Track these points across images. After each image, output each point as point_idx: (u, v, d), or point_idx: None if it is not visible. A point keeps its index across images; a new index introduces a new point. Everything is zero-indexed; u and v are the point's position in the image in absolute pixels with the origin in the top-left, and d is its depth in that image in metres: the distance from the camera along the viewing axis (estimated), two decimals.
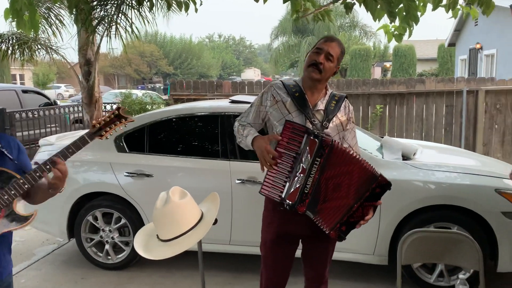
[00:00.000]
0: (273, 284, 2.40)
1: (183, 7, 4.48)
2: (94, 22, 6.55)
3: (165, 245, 1.88)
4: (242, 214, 3.63)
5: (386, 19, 3.89)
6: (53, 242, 4.76)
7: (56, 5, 7.27)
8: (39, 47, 7.83)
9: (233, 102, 4.02)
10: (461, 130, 7.15)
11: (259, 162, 2.18)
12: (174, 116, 3.99)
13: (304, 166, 2.06)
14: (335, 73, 2.33)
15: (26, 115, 8.39)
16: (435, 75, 22.06)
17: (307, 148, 2.06)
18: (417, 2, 3.93)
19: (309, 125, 2.20)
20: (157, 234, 1.95)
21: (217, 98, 6.86)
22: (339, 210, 2.08)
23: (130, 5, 6.46)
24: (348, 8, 4.03)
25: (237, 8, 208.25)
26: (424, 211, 3.38)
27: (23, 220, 1.81)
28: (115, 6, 6.40)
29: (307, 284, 2.47)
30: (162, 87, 30.05)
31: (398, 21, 3.91)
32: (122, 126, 1.92)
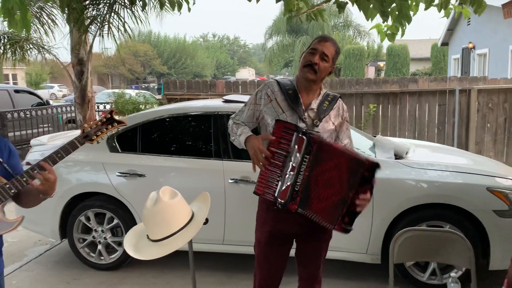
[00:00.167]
0: (267, 283, 2.40)
1: (176, 7, 4.47)
2: (87, 22, 6.51)
3: (155, 245, 1.87)
4: (235, 214, 3.63)
5: (379, 19, 3.90)
6: (45, 243, 4.73)
7: (48, 4, 7.22)
8: (31, 47, 7.78)
9: (226, 101, 4.01)
10: (453, 129, 7.19)
11: (252, 162, 2.18)
12: (167, 115, 3.97)
13: (294, 164, 2.08)
14: (331, 72, 2.33)
15: (18, 115, 8.34)
16: (429, 75, 22.18)
17: (296, 146, 2.08)
18: (409, 1, 3.95)
19: (301, 124, 2.20)
20: (147, 234, 1.94)
21: (210, 98, 6.86)
22: (337, 205, 2.07)
23: (123, 4, 6.44)
24: (340, 7, 4.03)
25: (231, 7, 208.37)
26: (416, 210, 3.39)
27: (9, 225, 1.78)
28: (108, 5, 6.37)
29: (301, 283, 2.47)
30: (156, 87, 29.98)
31: (390, 20, 3.92)
32: (114, 130, 1.89)
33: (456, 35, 18.67)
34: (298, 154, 2.07)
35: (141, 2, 4.68)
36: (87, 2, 6.41)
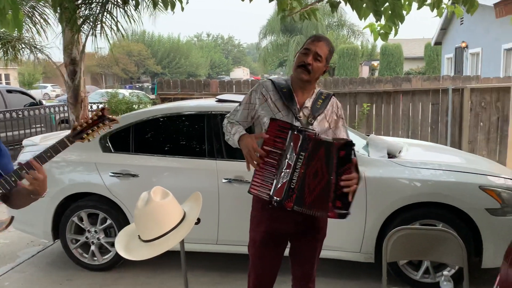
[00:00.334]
0: (261, 283, 2.40)
1: (169, 6, 4.45)
2: (79, 21, 6.46)
3: (146, 245, 1.86)
4: (229, 214, 3.62)
5: (372, 18, 3.91)
6: (37, 244, 4.69)
7: (40, 3, 7.17)
8: (23, 46, 7.72)
9: (219, 101, 4.00)
10: (447, 128, 7.22)
11: (245, 161, 2.18)
12: (160, 115, 3.96)
13: (289, 162, 2.08)
14: (325, 71, 2.33)
15: (10, 115, 8.28)
16: (422, 74, 22.27)
17: (292, 143, 2.08)
18: (402, 1, 3.96)
19: (296, 122, 2.21)
20: (138, 235, 1.93)
21: (204, 97, 6.84)
22: (323, 192, 2.09)
23: (115, 3, 6.39)
24: (333, 6, 4.04)
25: (224, 6, 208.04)
26: (409, 209, 3.40)
27: None
28: (100, 4, 6.33)
29: (295, 282, 2.47)
30: (150, 87, 29.87)
31: (383, 19, 3.93)
32: (106, 128, 1.86)
33: (449, 35, 18.75)
34: (293, 151, 2.08)
35: (134, 1, 4.65)
36: (80, 1, 6.36)
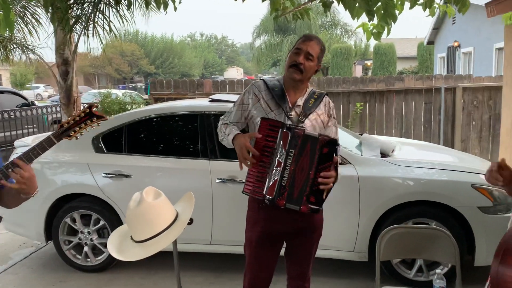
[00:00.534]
0: (257, 283, 2.40)
1: (162, 6, 4.43)
2: (71, 21, 6.42)
3: (139, 246, 1.85)
4: (223, 214, 3.62)
5: (364, 18, 3.92)
6: (30, 246, 4.66)
7: (32, 3, 7.11)
8: (15, 47, 7.66)
9: (213, 101, 3.99)
10: (439, 127, 7.26)
11: (238, 159, 2.18)
12: (153, 115, 3.94)
13: (280, 160, 2.10)
14: (317, 71, 2.35)
15: (2, 116, 8.22)
16: (415, 73, 22.35)
17: (281, 141, 2.10)
18: (394, 0, 3.97)
19: (287, 121, 2.22)
20: (131, 235, 1.92)
21: (198, 97, 6.83)
22: (302, 186, 2.11)
23: (108, 3, 6.36)
24: (326, 6, 4.05)
25: (218, 8, 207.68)
26: (402, 208, 3.41)
27: None
28: (92, 4, 6.29)
29: (290, 282, 2.47)
30: (143, 87, 29.75)
31: (376, 19, 3.94)
32: (94, 125, 1.83)
33: (441, 34, 18.86)
34: (283, 149, 2.09)
35: (126, 1, 4.63)
36: (72, 1, 6.31)
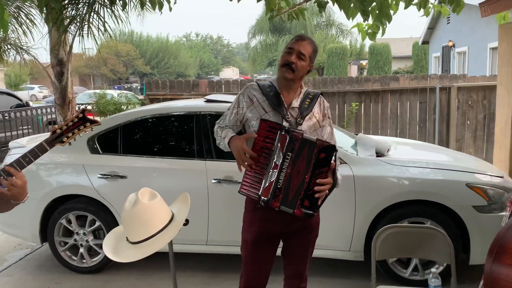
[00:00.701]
0: (254, 283, 2.40)
1: (157, 6, 4.43)
2: (66, 21, 6.39)
3: (134, 247, 1.85)
4: (219, 214, 3.61)
5: (359, 18, 3.93)
6: (25, 247, 4.64)
7: (26, 3, 7.08)
8: (9, 47, 7.62)
9: (208, 101, 3.99)
10: (434, 127, 7.29)
11: (236, 162, 2.18)
12: (148, 116, 3.94)
13: (276, 162, 2.10)
14: (309, 71, 2.35)
15: None
16: (410, 73, 22.43)
17: (279, 144, 2.10)
18: (389, 0, 3.99)
19: (284, 123, 2.23)
20: (126, 237, 1.91)
21: (193, 98, 6.82)
22: (297, 190, 2.12)
23: (103, 4, 6.34)
24: (321, 6, 4.05)
25: (213, 10, 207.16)
26: (398, 207, 3.43)
27: None
28: (87, 5, 6.27)
29: (287, 282, 2.48)
30: (139, 87, 29.66)
31: (371, 19, 3.95)
32: (88, 130, 1.81)
33: (436, 34, 18.93)
34: (280, 151, 2.10)
35: (121, 2, 4.63)
36: (66, 1, 6.29)
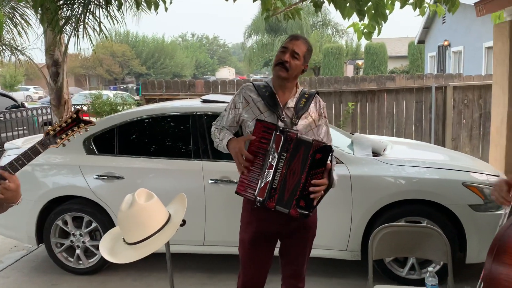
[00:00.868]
0: (251, 284, 2.40)
1: (153, 6, 4.42)
2: (61, 22, 6.37)
3: (131, 248, 1.84)
4: (215, 214, 3.61)
5: (355, 17, 3.94)
6: (21, 249, 4.62)
7: (21, 4, 7.05)
8: (4, 48, 7.59)
9: (204, 101, 3.99)
10: (430, 126, 7.31)
11: (235, 163, 2.20)
12: (144, 116, 3.93)
13: (272, 162, 2.11)
14: (304, 70, 2.35)
15: None
16: (406, 72, 22.49)
17: (274, 144, 2.11)
18: (385, 0, 4.00)
19: (280, 123, 2.22)
20: (123, 238, 1.91)
21: (189, 98, 6.81)
22: (292, 190, 2.12)
23: (98, 4, 6.32)
24: (317, 6, 4.06)
25: (209, 11, 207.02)
26: (395, 206, 3.43)
27: None
28: (82, 5, 6.25)
29: (285, 281, 2.48)
30: (135, 88, 29.62)
31: (367, 19, 3.96)
32: (82, 131, 1.79)
33: (432, 33, 18.99)
34: (275, 152, 2.11)
35: (116, 2, 4.62)
36: (61, 2, 6.27)
